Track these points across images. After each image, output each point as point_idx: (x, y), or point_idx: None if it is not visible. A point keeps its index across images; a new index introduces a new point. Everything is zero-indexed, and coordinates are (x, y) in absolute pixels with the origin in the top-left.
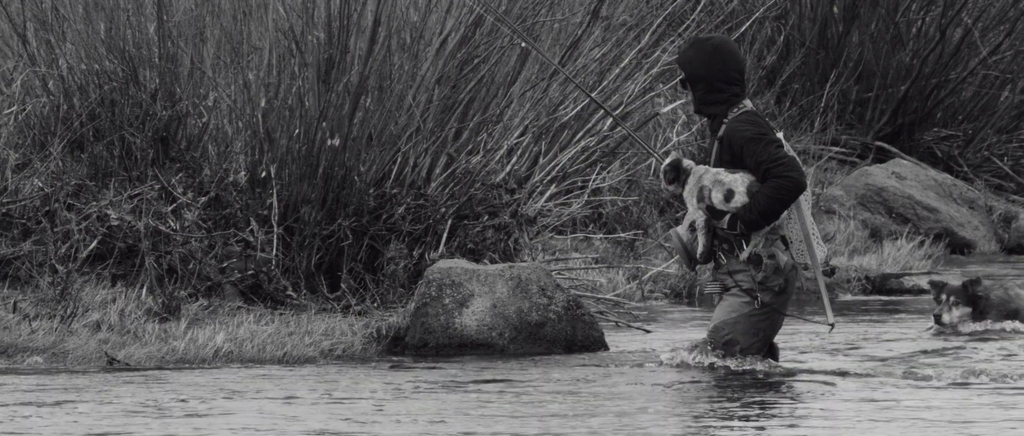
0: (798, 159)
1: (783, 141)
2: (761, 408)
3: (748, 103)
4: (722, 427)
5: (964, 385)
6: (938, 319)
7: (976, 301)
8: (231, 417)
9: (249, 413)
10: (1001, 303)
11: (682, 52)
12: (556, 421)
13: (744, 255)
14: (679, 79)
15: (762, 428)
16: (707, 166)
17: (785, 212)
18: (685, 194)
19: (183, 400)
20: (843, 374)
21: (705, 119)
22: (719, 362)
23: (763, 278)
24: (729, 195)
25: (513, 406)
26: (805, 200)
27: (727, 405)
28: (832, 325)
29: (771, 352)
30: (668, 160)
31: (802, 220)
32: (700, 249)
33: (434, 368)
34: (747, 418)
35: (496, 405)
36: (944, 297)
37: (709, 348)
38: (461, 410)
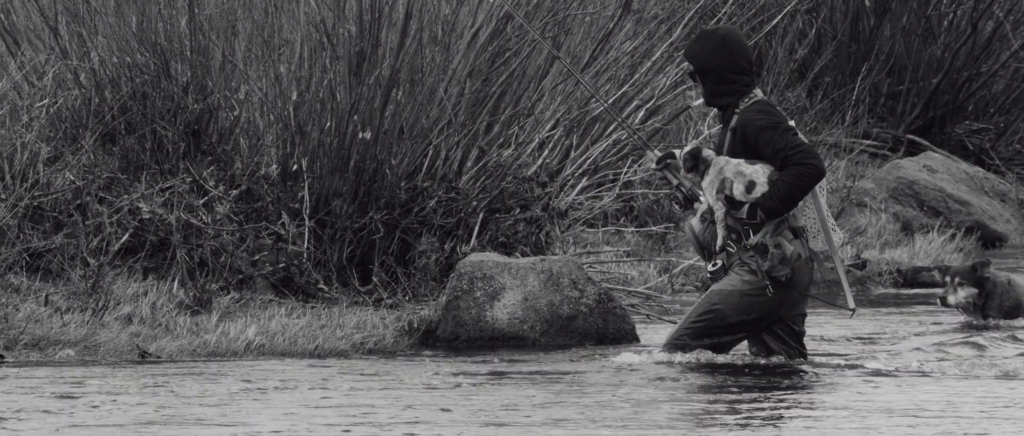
0: (814, 147)
1: (797, 129)
2: (754, 403)
3: (759, 92)
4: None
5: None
6: (944, 301)
7: (982, 283)
8: (291, 407)
9: (314, 403)
10: (1004, 292)
11: (690, 45)
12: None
13: (752, 242)
14: (688, 72)
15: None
16: (728, 158)
17: (801, 200)
18: (705, 185)
19: (246, 386)
20: (853, 367)
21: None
22: (680, 357)
23: (769, 268)
24: (751, 186)
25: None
26: (821, 188)
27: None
28: (853, 310)
29: (799, 351)
30: (688, 147)
31: (819, 208)
32: (719, 242)
33: (482, 360)
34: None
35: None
36: (949, 278)
37: (690, 320)
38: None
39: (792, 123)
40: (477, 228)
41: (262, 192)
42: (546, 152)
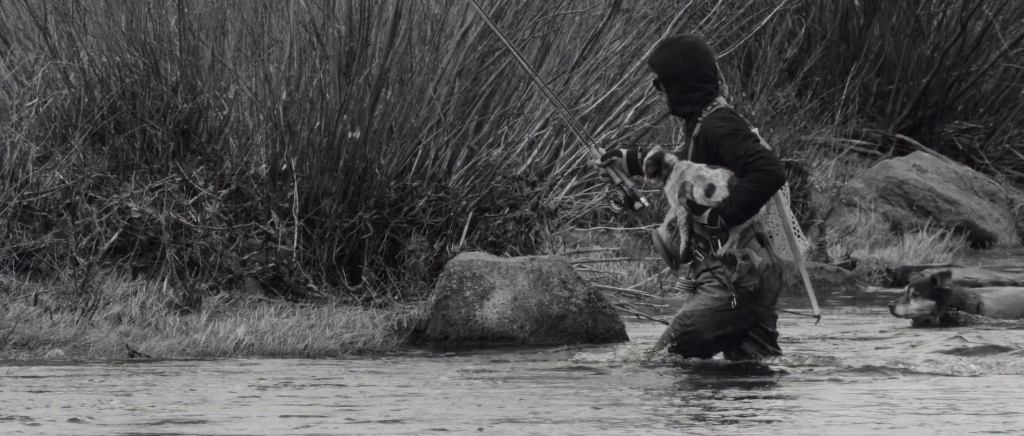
0: (775, 153)
1: (759, 136)
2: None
3: (722, 100)
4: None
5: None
6: (893, 310)
7: (941, 296)
8: (314, 405)
9: (331, 399)
10: (972, 312)
11: (654, 53)
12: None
13: (720, 252)
14: (653, 81)
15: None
16: (689, 162)
17: (764, 208)
18: (667, 190)
19: (263, 387)
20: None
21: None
22: (668, 357)
23: (737, 279)
24: (710, 190)
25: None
26: (784, 194)
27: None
28: (817, 317)
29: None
30: (651, 153)
31: (782, 214)
32: (682, 246)
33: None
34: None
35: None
36: (906, 288)
37: (670, 336)
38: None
39: (755, 130)
40: (466, 227)
41: (251, 191)
42: (536, 151)
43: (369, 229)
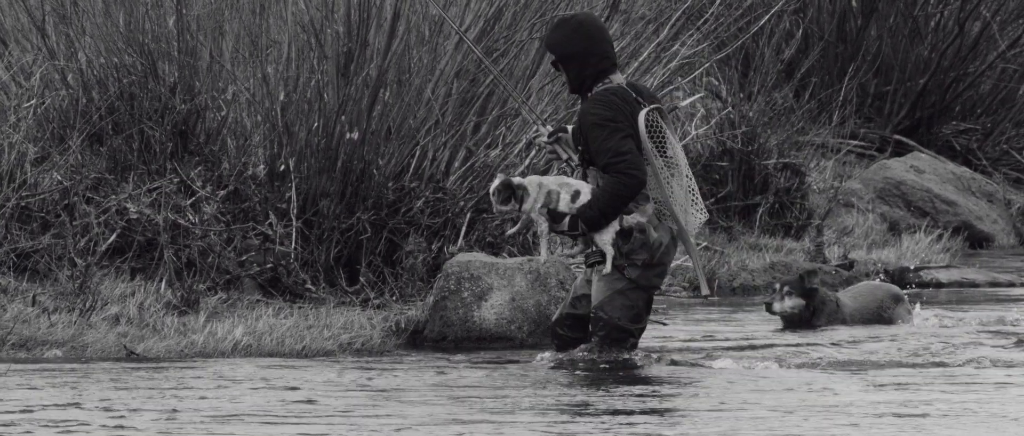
0: (639, 154)
1: (641, 123)
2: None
3: (617, 78)
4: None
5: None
6: (769, 308)
7: (810, 294)
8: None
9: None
10: (832, 312)
11: (548, 34)
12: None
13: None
14: (551, 62)
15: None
16: (544, 178)
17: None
18: (526, 208)
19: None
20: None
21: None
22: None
23: (628, 250)
24: (576, 195)
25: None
26: (679, 168)
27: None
28: (707, 295)
29: None
30: (498, 181)
31: (669, 193)
32: (542, 257)
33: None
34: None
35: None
36: (777, 286)
37: (597, 337)
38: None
39: (642, 115)
40: (464, 228)
41: (250, 192)
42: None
43: (367, 230)
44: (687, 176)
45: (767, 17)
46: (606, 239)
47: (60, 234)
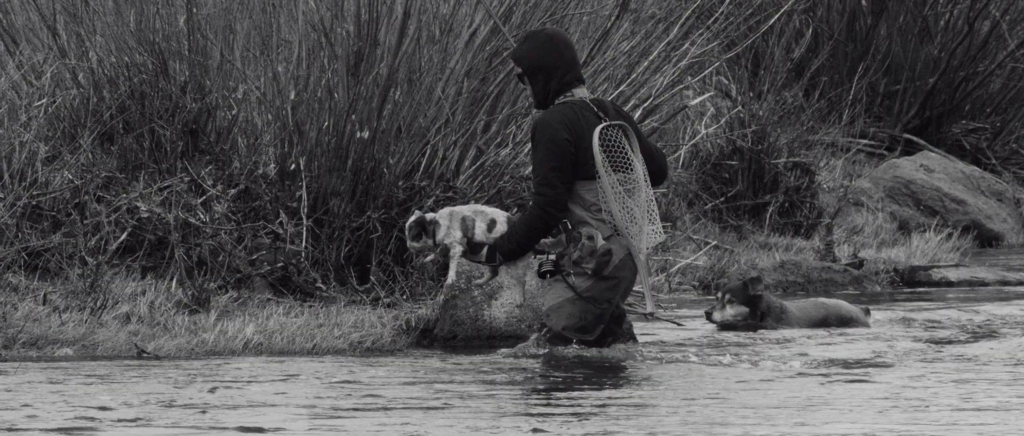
0: (564, 189)
1: (595, 139)
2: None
3: (579, 92)
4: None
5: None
6: (709, 316)
7: (754, 302)
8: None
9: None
10: (777, 318)
11: (517, 47)
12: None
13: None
14: (516, 75)
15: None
16: (456, 208)
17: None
18: (440, 238)
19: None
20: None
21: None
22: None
23: (578, 258)
24: (491, 225)
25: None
26: (639, 185)
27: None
28: (650, 314)
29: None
30: (412, 218)
31: (618, 207)
32: (450, 279)
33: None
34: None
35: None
36: (719, 294)
37: (545, 338)
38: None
39: (597, 132)
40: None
41: (260, 191)
42: None
43: (378, 229)
44: (648, 199)
45: (777, 16)
46: (519, 272)
47: (71, 233)
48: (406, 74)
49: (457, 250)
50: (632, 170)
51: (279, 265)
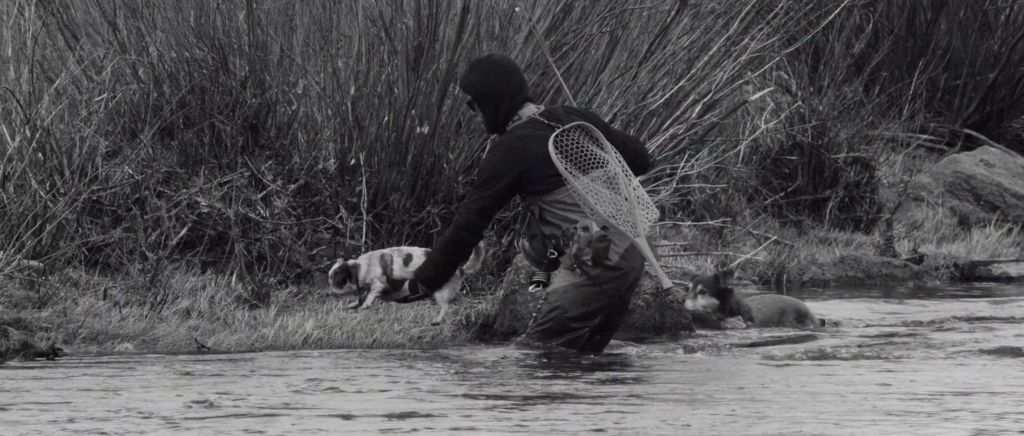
0: (484, 220)
1: (552, 150)
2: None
3: (527, 111)
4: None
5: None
6: (681, 303)
7: (724, 295)
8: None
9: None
10: (746, 314)
11: (464, 76)
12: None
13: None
14: (466, 103)
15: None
16: (376, 252)
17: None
18: (361, 277)
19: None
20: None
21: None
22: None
23: (576, 251)
24: (408, 259)
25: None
26: (618, 177)
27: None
28: (667, 290)
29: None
30: (336, 266)
31: (587, 201)
32: (366, 302)
33: None
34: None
35: None
36: (690, 284)
37: (536, 319)
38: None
39: (552, 143)
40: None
41: (320, 186)
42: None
43: (437, 223)
44: (633, 186)
45: (837, 11)
46: (445, 296)
47: (131, 228)
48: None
49: (377, 286)
50: (604, 165)
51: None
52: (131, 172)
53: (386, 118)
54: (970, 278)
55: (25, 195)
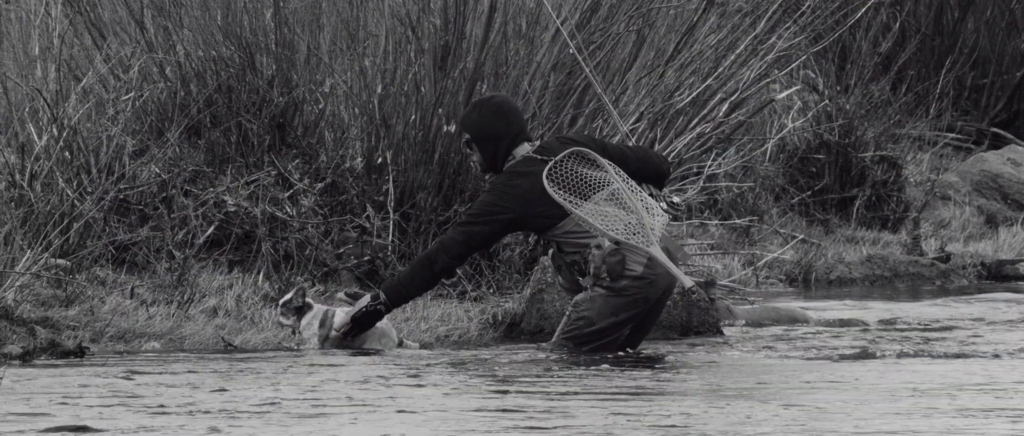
0: (466, 252)
1: (547, 185)
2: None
3: (521, 151)
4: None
5: None
6: (710, 303)
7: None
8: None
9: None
10: (725, 318)
11: (465, 115)
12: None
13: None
14: (464, 142)
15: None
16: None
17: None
18: (303, 323)
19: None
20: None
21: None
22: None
23: (594, 271)
24: (356, 295)
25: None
26: (622, 194)
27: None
28: (688, 290)
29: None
30: (291, 293)
31: (618, 226)
32: (320, 341)
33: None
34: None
35: None
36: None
37: (564, 327)
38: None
39: (545, 177)
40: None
41: (347, 185)
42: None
43: None
44: (640, 198)
45: (864, 9)
46: (314, 329)
47: (158, 227)
48: (493, 68)
49: (315, 342)
50: (606, 185)
51: (366, 259)
52: (158, 171)
53: (413, 117)
54: (997, 277)
55: (52, 194)
